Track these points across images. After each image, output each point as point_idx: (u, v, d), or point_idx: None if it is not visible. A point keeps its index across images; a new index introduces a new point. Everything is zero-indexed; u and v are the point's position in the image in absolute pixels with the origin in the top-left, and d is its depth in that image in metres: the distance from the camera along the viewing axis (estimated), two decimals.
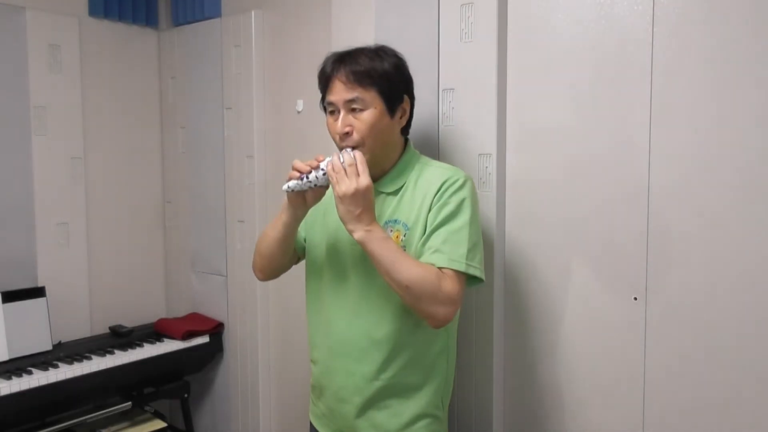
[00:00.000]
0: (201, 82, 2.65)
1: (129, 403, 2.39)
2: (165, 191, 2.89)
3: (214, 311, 2.69)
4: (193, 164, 2.73)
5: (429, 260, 1.37)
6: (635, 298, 1.54)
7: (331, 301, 1.50)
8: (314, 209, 1.52)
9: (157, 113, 2.87)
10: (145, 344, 2.49)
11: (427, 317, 1.35)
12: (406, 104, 1.49)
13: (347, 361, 1.47)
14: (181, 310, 2.82)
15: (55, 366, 2.21)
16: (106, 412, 2.33)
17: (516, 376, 1.77)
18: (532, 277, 1.71)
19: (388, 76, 1.42)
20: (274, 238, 1.52)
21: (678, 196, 1.47)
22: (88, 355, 2.33)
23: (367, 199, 1.32)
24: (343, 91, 1.40)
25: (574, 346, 1.65)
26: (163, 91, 2.85)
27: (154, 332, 2.62)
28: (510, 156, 1.72)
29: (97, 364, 2.28)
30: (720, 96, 1.41)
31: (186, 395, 2.61)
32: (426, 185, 1.44)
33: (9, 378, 2.09)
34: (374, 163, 1.43)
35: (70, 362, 2.26)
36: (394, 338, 1.43)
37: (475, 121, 1.72)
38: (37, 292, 2.35)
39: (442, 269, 1.35)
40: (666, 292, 1.50)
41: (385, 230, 1.42)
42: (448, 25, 1.75)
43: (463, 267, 1.36)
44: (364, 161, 1.35)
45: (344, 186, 1.32)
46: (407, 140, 1.55)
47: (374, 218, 1.35)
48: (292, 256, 1.60)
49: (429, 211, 1.41)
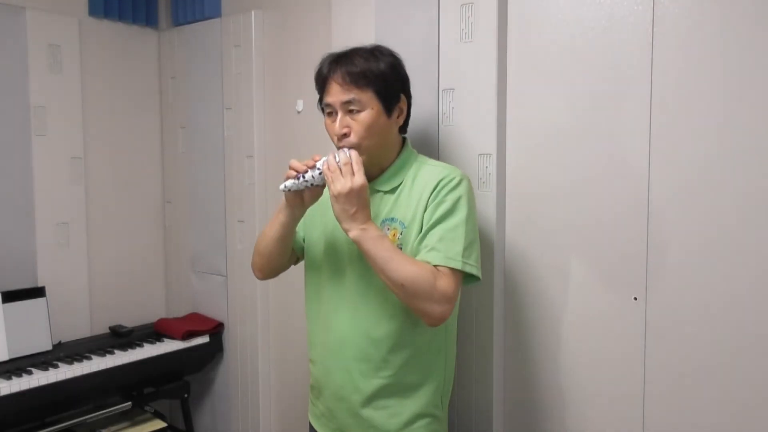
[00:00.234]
0: (201, 82, 2.65)
1: (129, 403, 2.39)
2: (165, 191, 2.89)
3: (214, 311, 2.69)
4: (193, 164, 2.73)
5: (425, 258, 1.37)
6: (635, 298, 1.54)
7: (330, 299, 1.50)
8: (313, 208, 1.52)
9: (157, 113, 2.87)
10: (145, 344, 2.49)
11: (423, 315, 1.35)
12: (403, 103, 1.49)
13: (346, 360, 1.47)
14: (181, 310, 2.82)
15: (55, 366, 2.21)
16: (106, 412, 2.33)
17: (516, 376, 1.77)
18: (531, 276, 1.71)
19: (384, 76, 1.42)
20: (273, 237, 1.52)
21: (678, 196, 1.47)
22: (88, 355, 2.33)
23: (362, 198, 1.33)
24: (339, 92, 1.41)
25: (574, 346, 1.65)
26: (163, 91, 2.85)
27: (154, 332, 2.62)
28: (510, 156, 1.72)
29: (97, 364, 2.28)
30: (720, 96, 1.41)
31: (186, 395, 2.61)
32: (422, 184, 1.44)
33: (9, 378, 2.09)
34: (372, 162, 1.44)
35: (70, 362, 2.26)
36: (392, 337, 1.43)
37: (475, 121, 1.72)
38: (37, 292, 2.35)
39: (438, 267, 1.35)
40: (666, 292, 1.50)
41: (381, 229, 1.42)
42: (448, 25, 1.75)
43: (459, 265, 1.36)
44: (360, 160, 1.35)
45: (339, 185, 1.32)
46: (405, 139, 1.55)
47: (369, 217, 1.35)
48: (290, 255, 1.60)
49: (425, 209, 1.41)
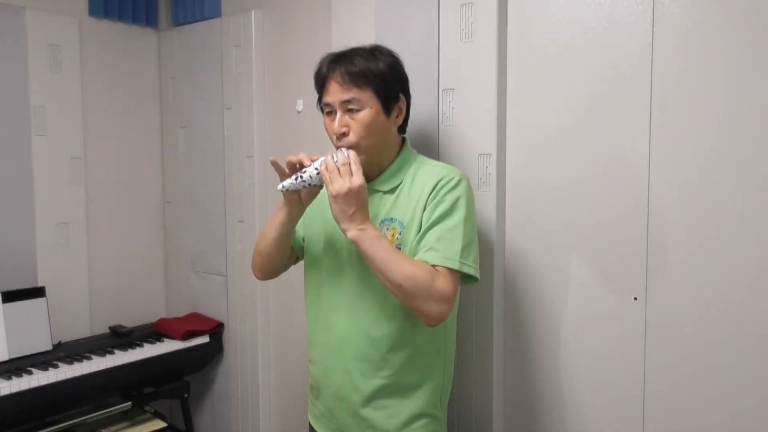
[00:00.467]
0: (201, 82, 2.65)
1: (129, 403, 2.40)
2: (165, 191, 2.89)
3: (214, 311, 2.69)
4: (193, 164, 2.73)
5: (423, 258, 1.37)
6: (635, 298, 1.54)
7: (330, 299, 1.50)
8: (313, 207, 1.52)
9: (157, 113, 2.87)
10: (145, 344, 2.49)
11: (422, 315, 1.35)
12: (402, 103, 1.49)
13: (345, 360, 1.47)
14: (181, 310, 2.82)
15: (55, 366, 2.21)
16: (106, 412, 2.34)
17: (516, 376, 1.77)
18: (531, 276, 1.71)
19: (383, 75, 1.43)
20: (272, 237, 1.52)
21: (678, 196, 1.47)
22: (88, 355, 2.33)
23: (360, 198, 1.33)
24: (338, 91, 1.41)
25: (574, 346, 1.65)
26: (163, 91, 2.85)
27: (154, 332, 2.62)
28: (510, 156, 1.72)
29: (97, 364, 2.28)
30: (720, 96, 1.41)
31: (186, 395, 2.61)
32: (422, 184, 1.44)
33: (9, 378, 2.09)
34: (371, 162, 1.44)
35: (70, 362, 2.26)
36: (391, 337, 1.43)
37: (475, 121, 1.72)
38: (37, 292, 2.35)
39: (436, 267, 1.35)
40: (666, 292, 1.50)
41: (380, 229, 1.42)
42: (448, 25, 1.75)
43: (456, 265, 1.36)
44: (358, 161, 1.35)
45: (337, 185, 1.32)
46: (404, 139, 1.55)
47: (368, 217, 1.36)
48: (290, 255, 1.61)
49: (424, 209, 1.41)
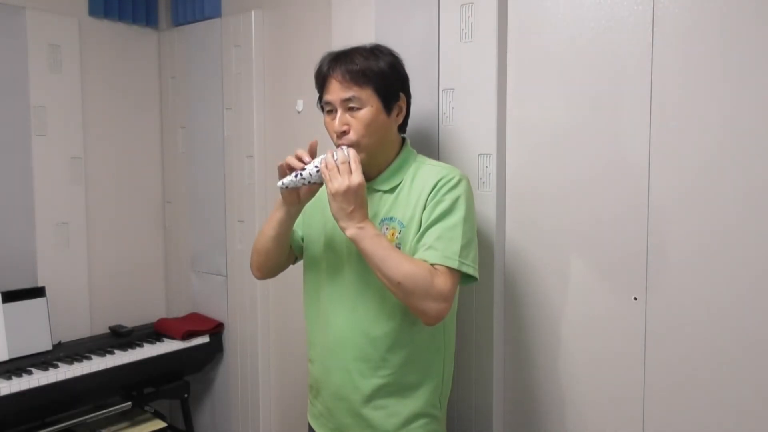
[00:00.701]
0: (201, 82, 2.65)
1: (129, 403, 2.39)
2: (165, 191, 2.89)
3: (214, 311, 2.69)
4: (193, 164, 2.73)
5: (422, 257, 1.37)
6: (635, 298, 1.54)
7: (329, 299, 1.50)
8: (312, 206, 1.52)
9: (157, 113, 2.87)
10: (145, 344, 2.49)
11: (421, 314, 1.35)
12: (403, 102, 1.49)
13: (344, 359, 1.47)
14: (181, 310, 2.82)
15: (55, 366, 2.21)
16: (106, 412, 2.33)
17: (516, 376, 1.77)
18: (531, 276, 1.71)
19: (383, 74, 1.43)
20: (270, 236, 1.52)
21: (678, 196, 1.47)
22: (88, 355, 2.33)
23: (359, 196, 1.33)
24: (339, 90, 1.41)
25: (574, 346, 1.65)
26: (163, 91, 2.85)
27: (154, 332, 2.62)
28: (510, 156, 1.72)
29: (97, 364, 2.28)
30: (721, 96, 1.41)
31: (186, 395, 2.61)
32: (421, 183, 1.44)
33: (9, 378, 2.09)
34: (371, 161, 1.44)
35: (70, 362, 2.26)
36: (391, 336, 1.43)
37: (475, 121, 1.72)
38: (37, 292, 2.35)
39: (435, 266, 1.35)
40: (666, 292, 1.50)
41: (380, 228, 1.42)
42: (448, 25, 1.75)
43: (456, 264, 1.36)
44: (358, 159, 1.36)
45: (337, 183, 1.32)
46: (404, 139, 1.55)
47: (367, 216, 1.36)
48: (288, 254, 1.60)
49: (424, 208, 1.41)
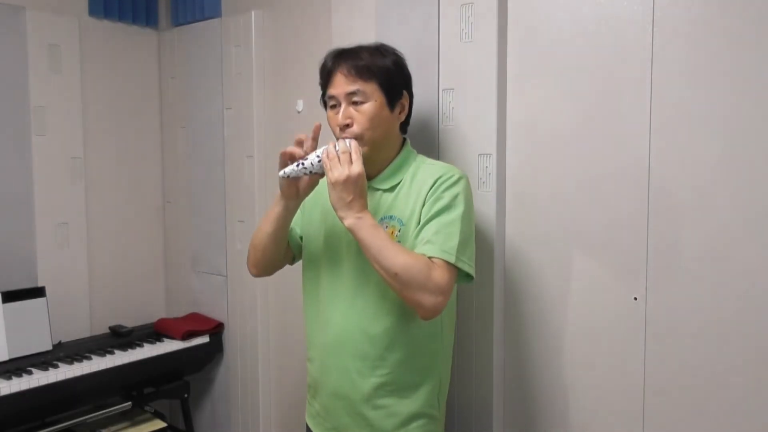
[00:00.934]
0: (201, 82, 2.65)
1: (129, 403, 2.39)
2: (165, 191, 2.89)
3: (214, 311, 2.69)
4: (193, 164, 2.73)
5: (420, 251, 1.37)
6: (635, 298, 1.54)
7: (328, 296, 1.51)
8: (312, 205, 1.52)
9: (157, 113, 2.87)
10: (145, 344, 2.49)
11: (416, 306, 1.34)
12: (405, 100, 1.50)
13: (343, 358, 1.47)
14: (181, 310, 2.82)
15: (55, 366, 2.20)
16: (106, 412, 2.33)
17: (516, 376, 1.76)
18: (531, 277, 1.71)
19: (388, 70, 1.45)
20: (268, 231, 1.53)
21: (678, 196, 1.47)
22: (88, 355, 2.33)
23: (359, 186, 1.33)
24: (344, 83, 1.42)
25: (574, 346, 1.65)
26: (163, 91, 2.85)
27: (154, 332, 2.61)
28: (510, 156, 1.72)
29: (97, 364, 2.27)
30: (721, 96, 1.41)
31: (186, 395, 2.60)
32: (421, 182, 1.45)
33: (9, 378, 2.08)
34: (372, 158, 1.44)
35: (70, 362, 2.25)
36: (389, 333, 1.43)
37: (475, 121, 1.72)
38: (37, 292, 2.35)
39: (433, 259, 1.35)
40: (666, 292, 1.50)
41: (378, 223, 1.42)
42: (448, 25, 1.75)
43: (453, 259, 1.36)
44: (359, 150, 1.37)
45: (337, 172, 1.33)
46: (405, 139, 1.56)
47: (366, 206, 1.36)
48: (285, 252, 1.60)
49: (423, 205, 1.42)
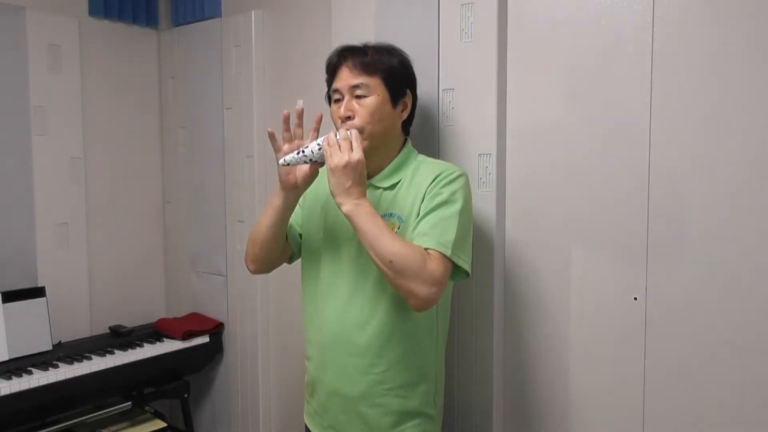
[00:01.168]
0: (201, 82, 2.65)
1: (129, 403, 2.40)
2: (165, 191, 2.89)
3: (214, 311, 2.69)
4: (193, 164, 2.73)
5: (416, 242, 1.37)
6: (635, 298, 1.54)
7: (326, 293, 1.51)
8: (313, 201, 1.53)
9: (157, 113, 2.87)
10: (145, 344, 2.49)
11: (410, 296, 1.33)
12: (408, 99, 1.52)
13: (340, 355, 1.47)
14: (181, 310, 2.82)
15: (55, 366, 2.21)
16: (106, 412, 2.33)
17: (516, 376, 1.76)
18: (531, 276, 1.71)
19: (393, 68, 1.47)
20: (266, 225, 1.52)
21: (678, 196, 1.47)
22: (88, 355, 2.33)
23: (358, 172, 1.34)
24: (348, 76, 1.44)
25: (574, 346, 1.65)
26: (163, 91, 2.85)
27: (154, 332, 2.62)
28: (510, 156, 1.72)
29: (97, 364, 2.28)
30: (720, 95, 1.41)
31: (186, 395, 2.60)
32: (421, 179, 1.46)
33: (9, 378, 2.09)
34: (372, 155, 1.45)
35: (70, 362, 2.26)
36: (386, 331, 1.43)
37: (475, 121, 1.72)
38: (37, 292, 2.35)
39: (429, 250, 1.35)
40: (666, 292, 1.50)
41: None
42: (448, 25, 1.75)
43: (448, 252, 1.36)
44: (359, 137, 1.38)
45: (336, 158, 1.34)
46: (406, 139, 1.56)
47: (364, 193, 1.36)
48: (284, 247, 1.59)
49: (422, 201, 1.42)
